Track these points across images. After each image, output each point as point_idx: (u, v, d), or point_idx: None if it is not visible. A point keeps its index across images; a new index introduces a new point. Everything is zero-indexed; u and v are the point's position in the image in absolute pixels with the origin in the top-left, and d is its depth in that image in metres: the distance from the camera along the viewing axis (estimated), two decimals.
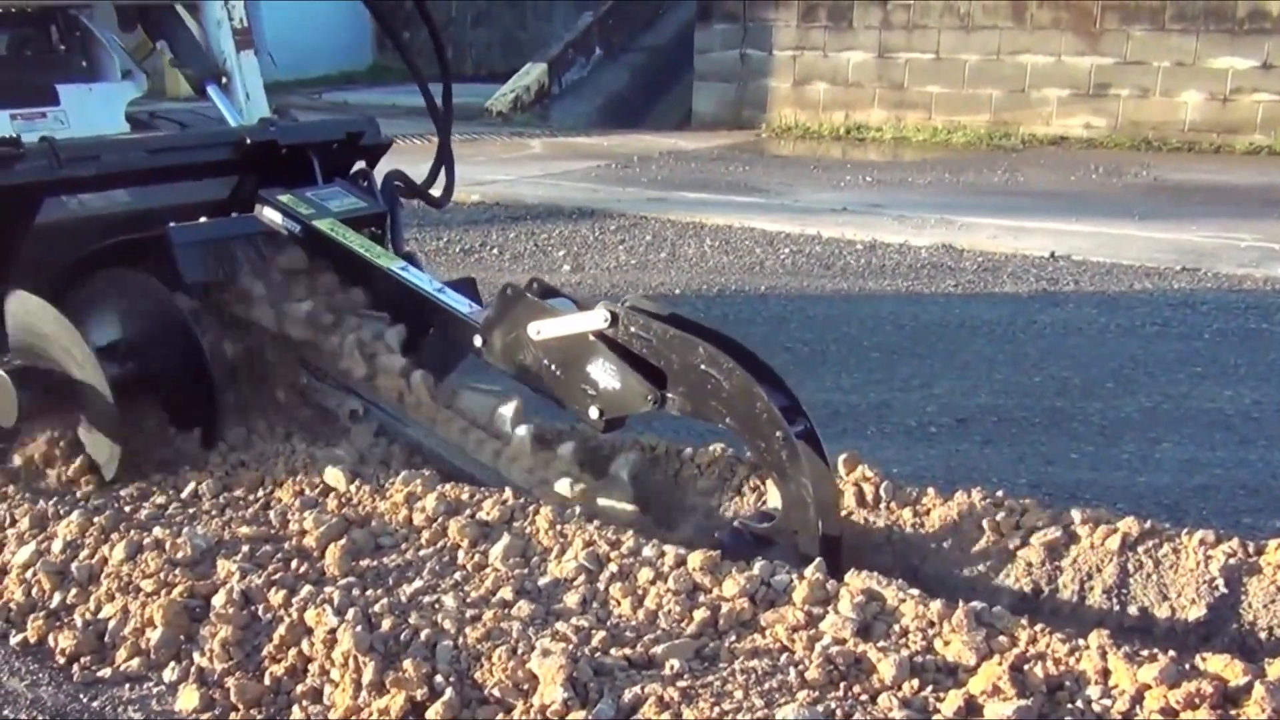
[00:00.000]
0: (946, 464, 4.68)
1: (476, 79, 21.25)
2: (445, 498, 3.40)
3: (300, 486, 3.61)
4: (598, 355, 3.41)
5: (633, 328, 3.33)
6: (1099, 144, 13.95)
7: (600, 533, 3.17)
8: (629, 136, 15.27)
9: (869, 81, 15.30)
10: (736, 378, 3.18)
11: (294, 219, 4.15)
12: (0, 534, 3.50)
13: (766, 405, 3.15)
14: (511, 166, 12.67)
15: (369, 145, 4.81)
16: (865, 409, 5.32)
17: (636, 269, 8.10)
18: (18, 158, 3.99)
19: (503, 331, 3.62)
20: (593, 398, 3.44)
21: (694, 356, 3.23)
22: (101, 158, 4.24)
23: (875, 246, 8.80)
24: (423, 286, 3.93)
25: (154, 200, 4.50)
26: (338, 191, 4.41)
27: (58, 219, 4.26)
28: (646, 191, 11.14)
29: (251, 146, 4.49)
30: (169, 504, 3.61)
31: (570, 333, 3.45)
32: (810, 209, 10.22)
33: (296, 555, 3.24)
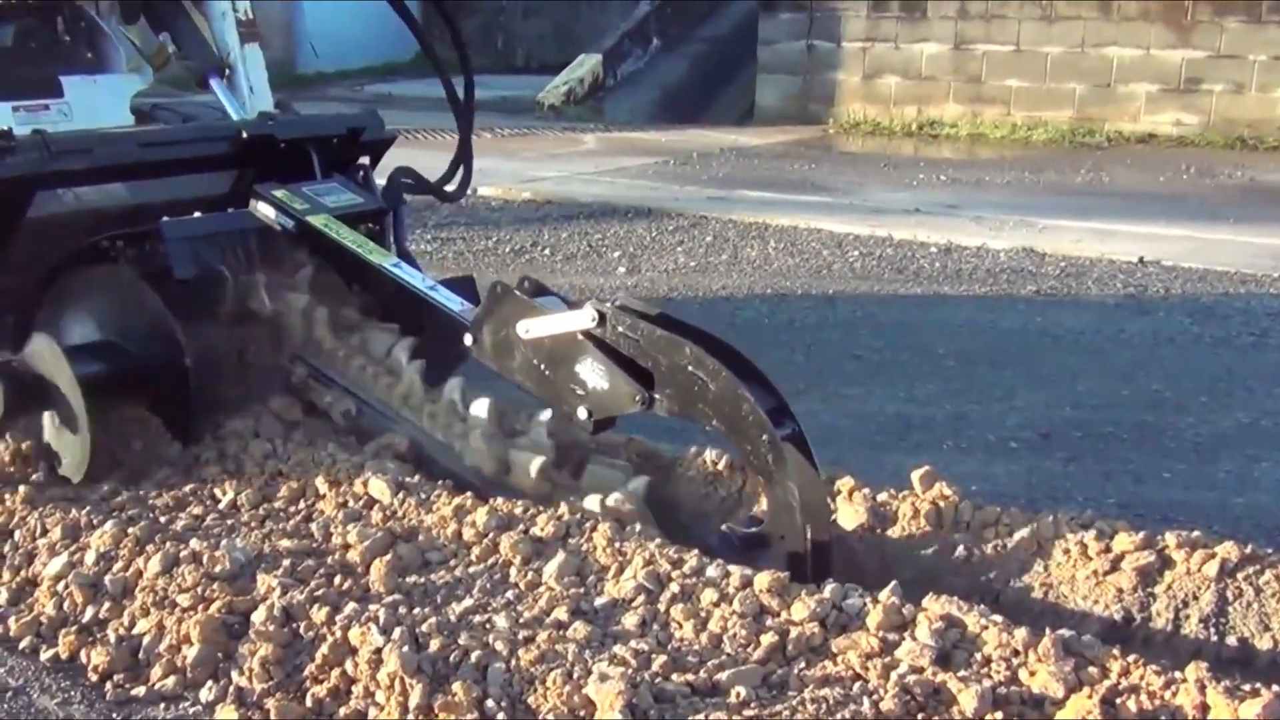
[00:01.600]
0: (1028, 482, 4.63)
1: (527, 71, 21.34)
2: (497, 512, 3.40)
3: (343, 498, 3.62)
4: (586, 355, 3.48)
5: (620, 327, 3.41)
6: (1190, 142, 13.80)
7: (661, 551, 3.16)
8: (688, 132, 15.25)
9: (944, 75, 15.20)
10: (722, 379, 3.25)
11: (288, 214, 4.24)
12: (31, 544, 3.54)
13: (752, 408, 3.21)
14: (564, 163, 12.69)
15: (371, 140, 4.90)
16: (941, 422, 5.28)
17: (696, 272, 8.08)
18: (8, 150, 4.07)
19: (492, 330, 3.70)
20: (581, 398, 3.51)
21: (680, 357, 3.31)
22: (94, 151, 4.33)
23: (950, 250, 8.74)
24: (414, 284, 4.01)
25: (152, 195, 4.58)
26: (335, 187, 4.49)
27: (51, 213, 4.34)
28: (706, 190, 11.12)
29: (249, 141, 4.57)
30: (206, 515, 3.63)
31: (558, 332, 3.54)
32: (881, 209, 10.17)
33: (340, 570, 3.24)
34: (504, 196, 10.81)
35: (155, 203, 4.50)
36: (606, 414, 3.53)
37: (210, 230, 4.27)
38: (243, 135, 4.58)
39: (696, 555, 3.15)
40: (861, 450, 4.88)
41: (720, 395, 3.26)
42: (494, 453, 3.78)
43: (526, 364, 3.63)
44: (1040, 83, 14.70)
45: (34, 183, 4.19)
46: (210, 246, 4.20)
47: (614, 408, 3.49)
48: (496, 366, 3.73)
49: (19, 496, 3.73)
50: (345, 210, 4.36)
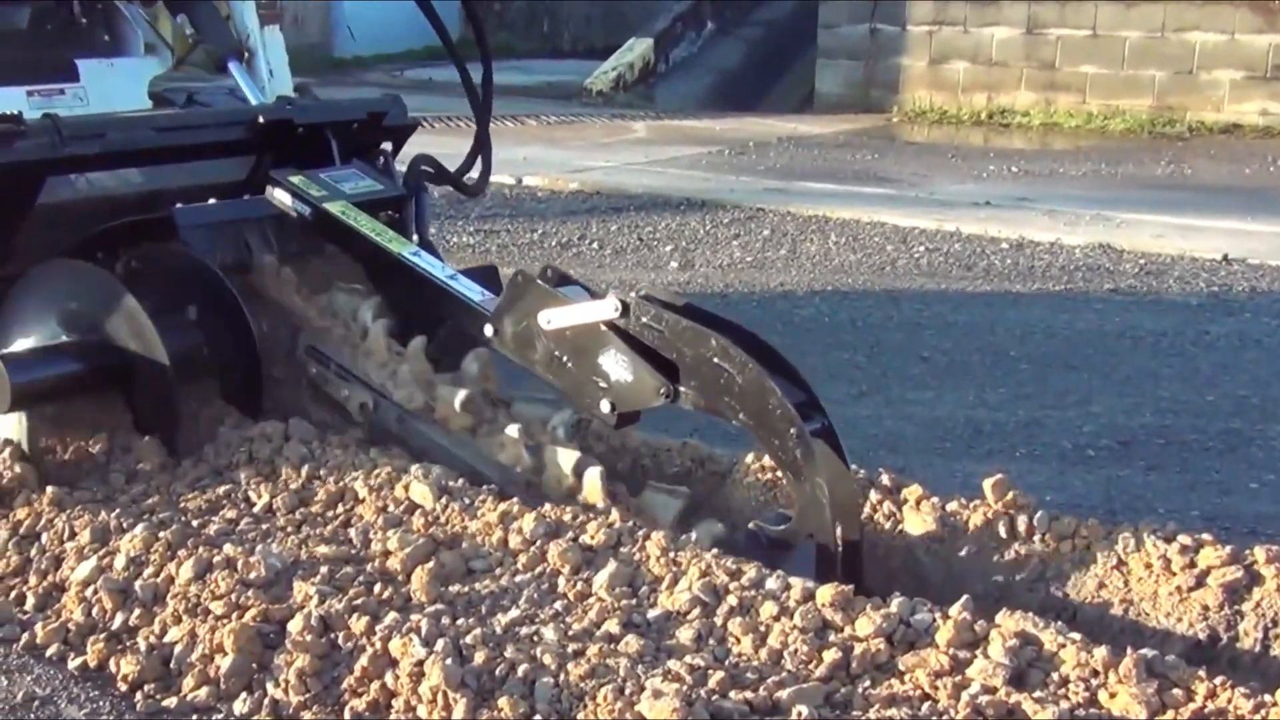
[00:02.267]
0: (1106, 492, 4.60)
1: (574, 55, 21.40)
2: (545, 518, 3.40)
3: (383, 502, 3.62)
4: (609, 346, 3.52)
5: (644, 318, 3.44)
6: (1277, 133, 13.67)
7: (718, 562, 3.15)
8: (744, 120, 15.23)
9: (1015, 60, 15.12)
10: (749, 372, 3.27)
11: (304, 201, 4.29)
12: (59, 547, 3.56)
13: (780, 401, 3.24)
14: (613, 152, 12.70)
15: (393, 126, 4.94)
16: (1013, 428, 5.26)
17: (752, 267, 8.08)
18: (18, 135, 4.12)
19: (513, 321, 3.74)
20: (604, 390, 3.55)
21: (705, 349, 3.33)
22: (107, 136, 4.39)
23: (1023, 245, 8.70)
24: (433, 273, 4.06)
25: (168, 181, 4.64)
26: (353, 173, 4.54)
27: (64, 199, 4.41)
28: (763, 181, 11.11)
29: (266, 126, 4.62)
30: (240, 519, 3.64)
31: (581, 323, 3.57)
32: (948, 202, 10.14)
33: (380, 578, 3.25)
34: (550, 187, 10.83)
35: (170, 189, 4.56)
36: (630, 407, 3.56)
37: (225, 217, 4.33)
38: (259, 120, 4.64)
39: (756, 566, 3.14)
40: (929, 457, 4.87)
41: (747, 388, 3.29)
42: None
43: (548, 356, 3.67)
44: (1118, 69, 14.59)
45: (45, 168, 4.24)
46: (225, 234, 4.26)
47: (638, 401, 3.53)
48: (518, 358, 3.78)
49: (46, 498, 3.75)
50: (364, 197, 4.41)
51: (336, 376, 4.18)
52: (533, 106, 16.07)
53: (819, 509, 3.23)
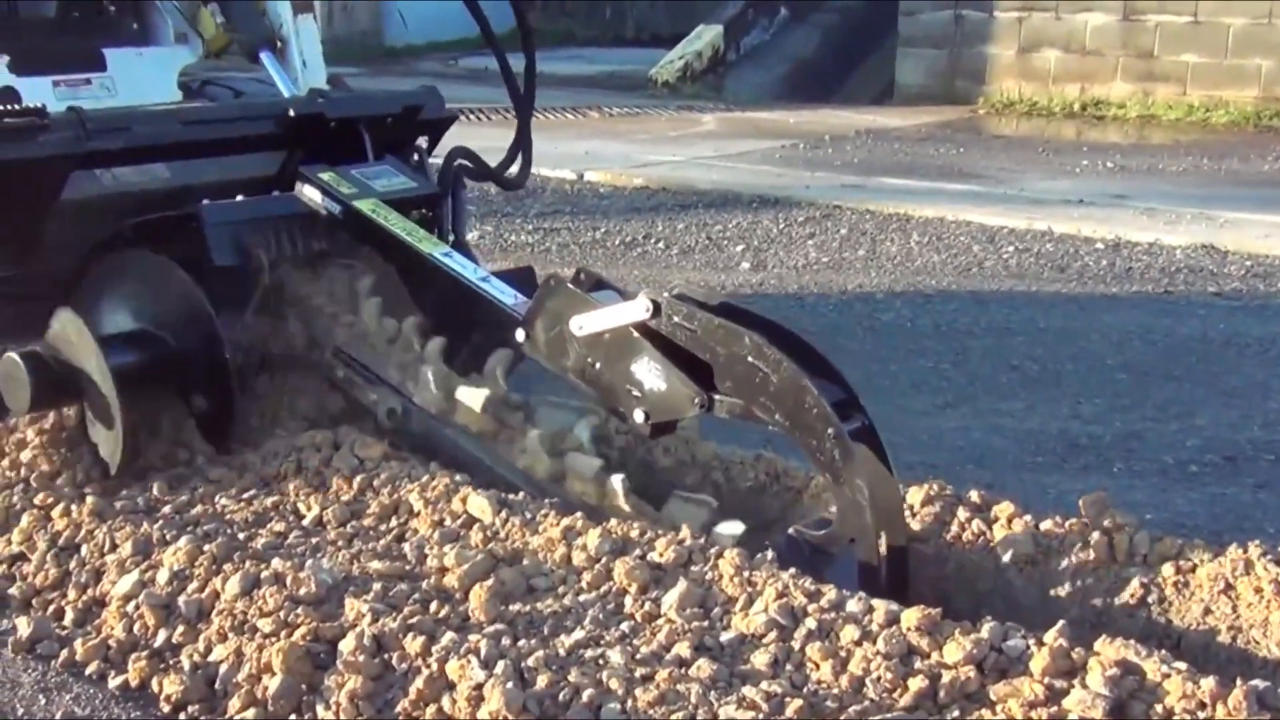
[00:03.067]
0: (1211, 510, 4.56)
1: (639, 43, 21.42)
2: (610, 534, 3.40)
3: (439, 516, 3.64)
4: (643, 353, 3.57)
5: (676, 317, 3.49)
6: None
7: (796, 582, 3.14)
8: (819, 111, 15.20)
9: (1110, 48, 15.00)
10: (784, 370, 3.32)
11: (334, 198, 4.35)
12: (99, 560, 3.60)
13: (816, 400, 3.28)
14: (680, 146, 12.70)
15: (430, 119, 5.02)
16: (1110, 442, 5.21)
17: (829, 268, 8.05)
18: (41, 128, 4.19)
19: (545, 326, 3.80)
20: (638, 399, 3.60)
21: (739, 347, 3.39)
22: (132, 129, 4.47)
23: (1119, 246, 8.63)
24: (464, 274, 4.11)
25: (196, 176, 4.70)
26: (386, 170, 4.61)
27: (88, 195, 4.47)
28: (840, 177, 11.08)
29: (296, 119, 4.70)
30: (289, 531, 3.67)
31: (612, 326, 3.62)
32: (1039, 200, 10.08)
33: (436, 596, 3.26)
34: (613, 183, 10.84)
35: (199, 184, 4.63)
36: (664, 417, 3.61)
37: (253, 215, 4.39)
38: (290, 114, 4.71)
39: (835, 589, 3.12)
40: (1020, 472, 4.84)
41: (782, 387, 3.33)
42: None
43: (581, 363, 3.72)
44: (1221, 58, 14.45)
45: (68, 163, 4.32)
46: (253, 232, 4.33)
47: (672, 410, 3.57)
48: (550, 365, 3.83)
49: (86, 508, 3.79)
50: (396, 194, 4.47)
51: (364, 380, 4.24)
52: (595, 98, 16.10)
53: (859, 512, 3.27)
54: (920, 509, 3.64)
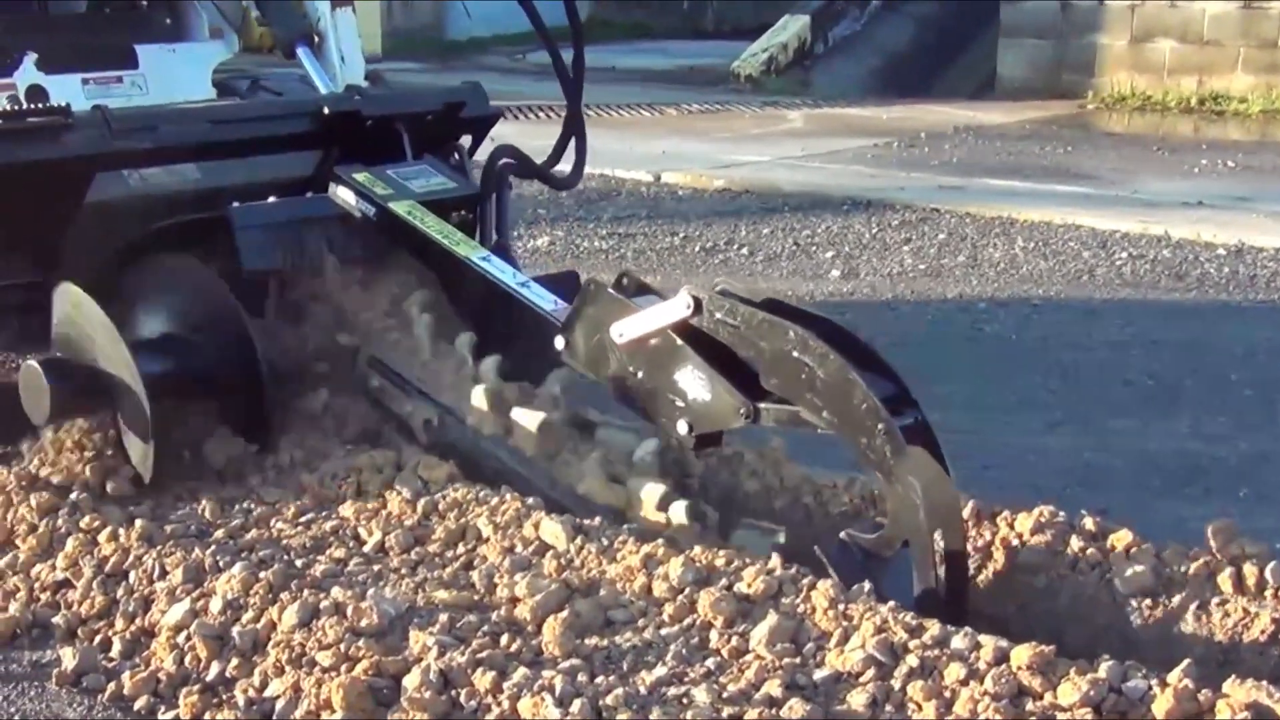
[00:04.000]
0: None
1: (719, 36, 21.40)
2: (694, 563, 3.39)
3: (510, 542, 3.64)
4: (686, 362, 3.61)
5: (718, 313, 3.55)
6: None
7: (896, 616, 3.11)
8: (914, 107, 15.14)
9: (1231, 38, 14.86)
10: (830, 364, 3.36)
11: (369, 200, 4.43)
12: (148, 588, 3.62)
13: (865, 395, 3.31)
14: (764, 145, 12.69)
15: (473, 117, 5.09)
16: (1236, 464, 5.17)
17: (926, 276, 8.02)
18: (65, 128, 4.28)
19: (585, 333, 3.86)
20: (681, 410, 3.66)
21: (784, 342, 3.44)
22: (159, 129, 4.57)
23: (1243, 251, 8.55)
24: (502, 279, 4.17)
25: (228, 177, 4.77)
26: (424, 170, 4.68)
27: (115, 196, 4.54)
28: (938, 177, 11.04)
29: (331, 118, 4.76)
30: (349, 558, 3.68)
31: (654, 327, 3.67)
32: (1154, 202, 10.00)
33: (507, 628, 3.25)
34: (693, 185, 10.84)
35: (231, 185, 4.70)
36: (709, 428, 3.66)
37: (284, 217, 4.47)
38: (324, 112, 4.79)
39: (939, 624, 3.09)
40: (1137, 496, 4.80)
41: (829, 382, 3.36)
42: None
43: (622, 371, 3.78)
44: None
45: (93, 163, 4.40)
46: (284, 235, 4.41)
47: (717, 421, 3.64)
48: (591, 373, 3.90)
49: (135, 532, 3.82)
50: (434, 196, 4.53)
51: (400, 390, 4.30)
52: (672, 94, 16.11)
53: (912, 512, 3.29)
54: (1030, 537, 3.60)
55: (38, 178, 4.26)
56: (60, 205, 4.38)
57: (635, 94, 15.56)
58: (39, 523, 3.96)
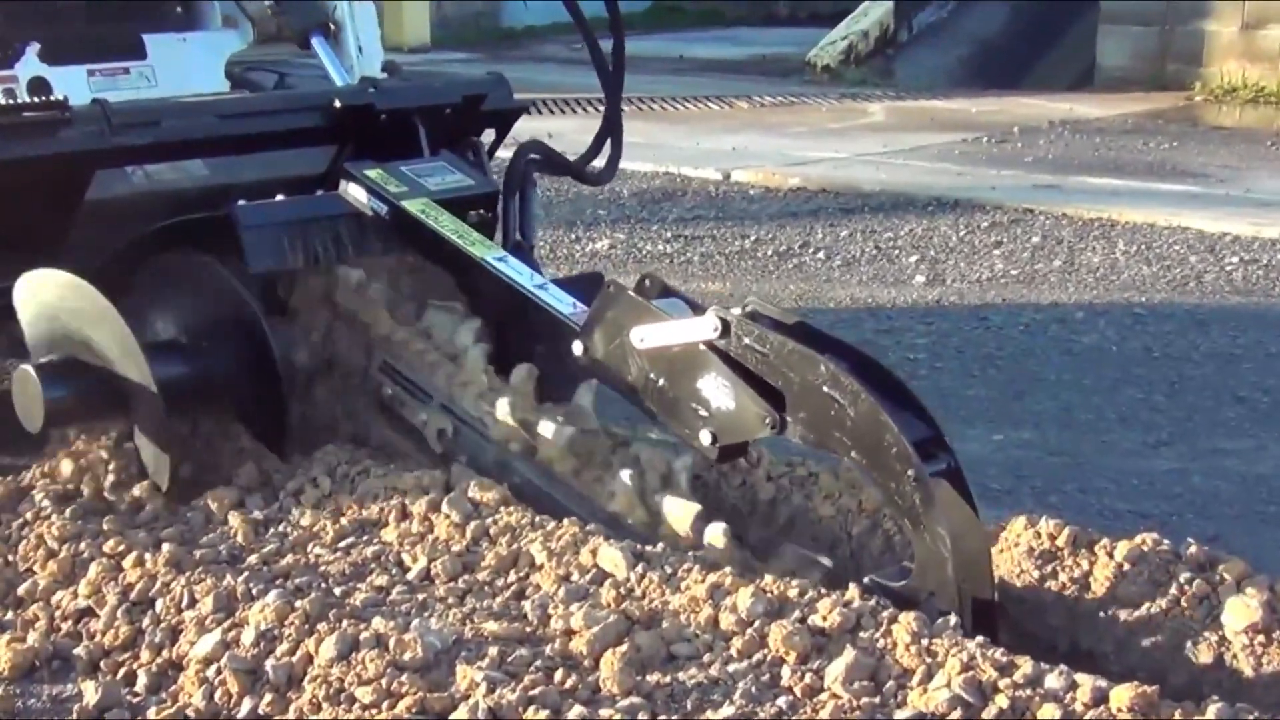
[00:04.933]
0: None
1: (794, 22, 21.42)
2: (764, 594, 3.37)
3: (565, 569, 3.62)
4: (710, 369, 3.66)
5: (746, 339, 3.59)
6: None
7: (984, 653, 3.09)
8: (1006, 100, 15.10)
9: None
10: (862, 403, 3.39)
11: (381, 198, 4.48)
12: (176, 617, 3.63)
13: (896, 438, 3.34)
14: (843, 140, 12.67)
15: (496, 110, 5.17)
16: None
17: (1019, 283, 7.98)
18: (62, 122, 4.34)
19: (604, 338, 3.90)
20: (705, 420, 3.71)
21: (814, 375, 3.47)
22: (163, 124, 4.62)
23: None
24: (519, 281, 4.22)
25: (237, 174, 4.86)
26: (441, 166, 4.73)
27: (117, 194, 4.63)
28: (1032, 175, 11.00)
29: (343, 111, 4.83)
30: (392, 586, 3.67)
31: (676, 342, 3.73)
32: (1268, 202, 9.94)
33: (561, 663, 3.24)
34: (765, 183, 10.84)
35: (240, 183, 4.78)
36: (733, 439, 3.70)
37: (292, 216, 4.51)
38: (336, 105, 4.85)
39: (1031, 661, 3.07)
40: (1251, 524, 4.77)
41: (859, 422, 3.40)
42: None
43: (643, 378, 3.83)
44: None
45: (93, 160, 4.47)
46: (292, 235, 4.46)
47: (741, 431, 3.67)
48: (610, 381, 3.96)
49: (162, 557, 3.83)
50: (451, 194, 4.58)
51: (413, 399, 4.36)
52: (743, 86, 16.12)
53: (939, 564, 3.32)
54: (1131, 567, 3.57)
55: (34, 175, 4.33)
56: (58, 204, 4.45)
57: (704, 86, 15.57)
58: (59, 547, 3.97)
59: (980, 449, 5.35)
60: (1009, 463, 5.25)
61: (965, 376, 6.33)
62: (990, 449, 5.40)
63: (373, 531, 3.98)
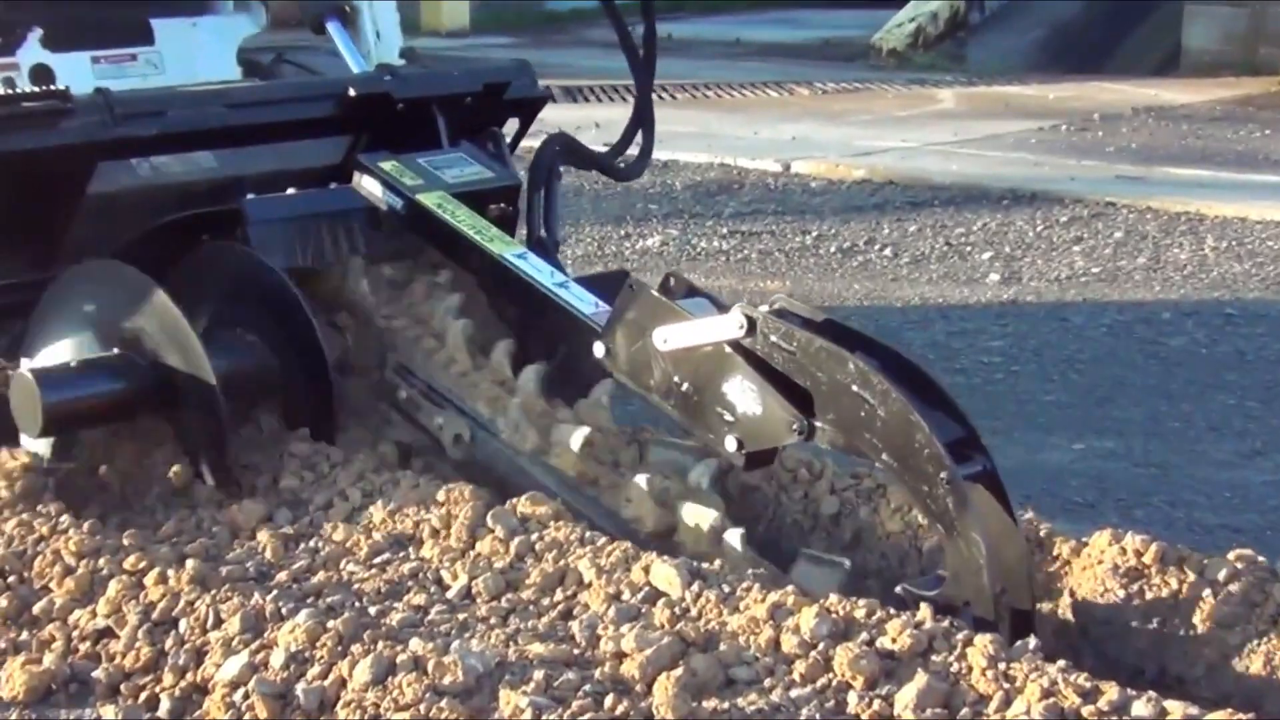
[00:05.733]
0: None
1: (858, 3, 21.37)
2: (829, 614, 3.35)
3: (616, 588, 3.61)
4: (735, 372, 3.71)
5: (773, 336, 3.63)
6: None
7: (1066, 678, 3.06)
8: (1085, 85, 15.06)
9: None
10: (892, 402, 3.42)
11: (395, 191, 4.55)
12: (201, 638, 3.62)
13: (928, 439, 3.37)
14: (911, 129, 12.66)
15: (519, 99, 5.20)
16: None
17: (1100, 281, 7.96)
18: (62, 113, 4.38)
19: (626, 339, 3.94)
20: (730, 425, 3.75)
21: (843, 374, 3.51)
22: (168, 114, 4.66)
23: None
24: (538, 279, 4.28)
25: (249, 166, 4.90)
26: (459, 158, 4.79)
27: (120, 188, 4.68)
28: (1114, 166, 10.97)
29: (358, 100, 4.86)
30: (430, 605, 3.66)
31: (700, 342, 3.76)
32: None
33: (611, 688, 3.22)
34: (828, 175, 10.84)
35: (252, 175, 4.83)
36: (760, 445, 3.73)
37: (303, 211, 4.58)
38: (350, 94, 4.88)
39: (1117, 687, 3.04)
40: None
41: (889, 422, 3.43)
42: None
43: (666, 382, 3.86)
44: None
45: (95, 151, 4.51)
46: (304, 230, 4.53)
47: (768, 437, 3.72)
48: (633, 383, 3.99)
49: (186, 574, 3.83)
50: (469, 187, 4.64)
51: (429, 402, 4.40)
52: (804, 71, 16.12)
53: (974, 572, 3.34)
54: (1222, 587, 3.54)
55: (32, 168, 4.37)
56: (59, 197, 4.50)
57: (762, 71, 15.58)
58: (77, 563, 3.98)
59: (1060, 459, 5.33)
60: (1092, 474, 5.23)
61: (1044, 381, 6.31)
62: (1071, 459, 5.38)
63: (409, 547, 3.97)
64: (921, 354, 6.65)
